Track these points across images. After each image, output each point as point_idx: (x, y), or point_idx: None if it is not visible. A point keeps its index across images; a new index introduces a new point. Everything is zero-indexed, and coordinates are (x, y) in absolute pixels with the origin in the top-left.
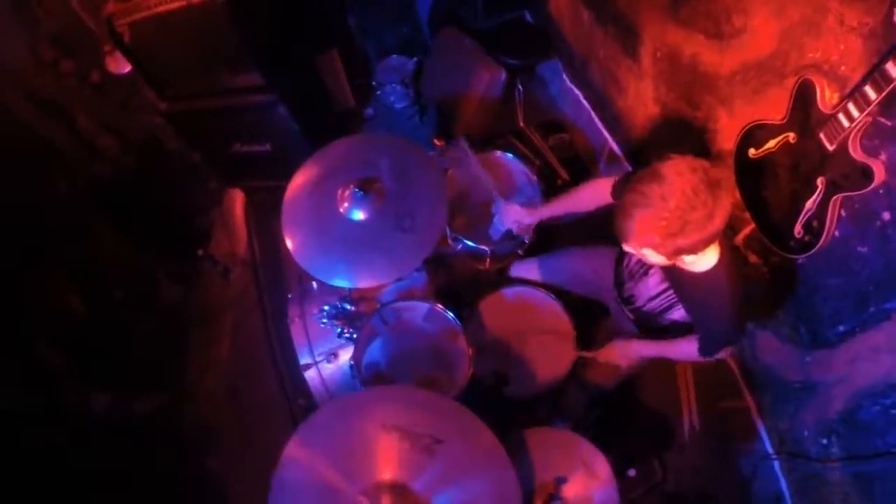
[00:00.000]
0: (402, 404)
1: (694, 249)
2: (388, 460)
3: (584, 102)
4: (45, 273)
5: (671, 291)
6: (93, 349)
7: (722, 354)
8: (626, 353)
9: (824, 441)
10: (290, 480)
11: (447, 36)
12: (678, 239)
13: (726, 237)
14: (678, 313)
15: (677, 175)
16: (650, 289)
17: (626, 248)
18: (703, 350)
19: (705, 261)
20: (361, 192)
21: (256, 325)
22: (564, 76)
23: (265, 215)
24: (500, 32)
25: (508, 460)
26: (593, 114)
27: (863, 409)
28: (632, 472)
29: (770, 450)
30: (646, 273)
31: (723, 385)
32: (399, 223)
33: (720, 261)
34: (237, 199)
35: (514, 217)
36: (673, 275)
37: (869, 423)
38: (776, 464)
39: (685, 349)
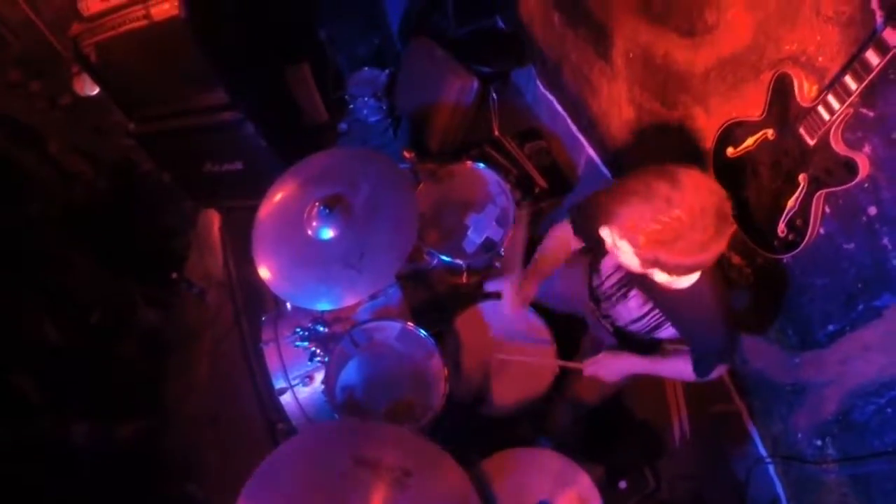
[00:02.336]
0: (371, 438)
1: (671, 271)
2: (360, 496)
3: (559, 108)
4: (19, 301)
5: (656, 311)
6: (70, 377)
7: (716, 373)
8: (616, 367)
9: (819, 443)
10: None
11: (418, 46)
12: (662, 251)
13: None
14: (665, 332)
15: (694, 188)
16: (632, 311)
17: (602, 232)
18: (698, 370)
19: (689, 277)
20: (327, 210)
21: (234, 348)
22: (538, 82)
23: (241, 235)
24: (472, 40)
25: (476, 492)
26: (569, 119)
27: (857, 409)
28: (622, 485)
29: (764, 453)
30: (625, 296)
31: (712, 390)
32: (347, 257)
33: (703, 274)
34: (214, 220)
35: (511, 305)
36: (654, 293)
37: (864, 423)
38: (771, 467)
39: (678, 367)
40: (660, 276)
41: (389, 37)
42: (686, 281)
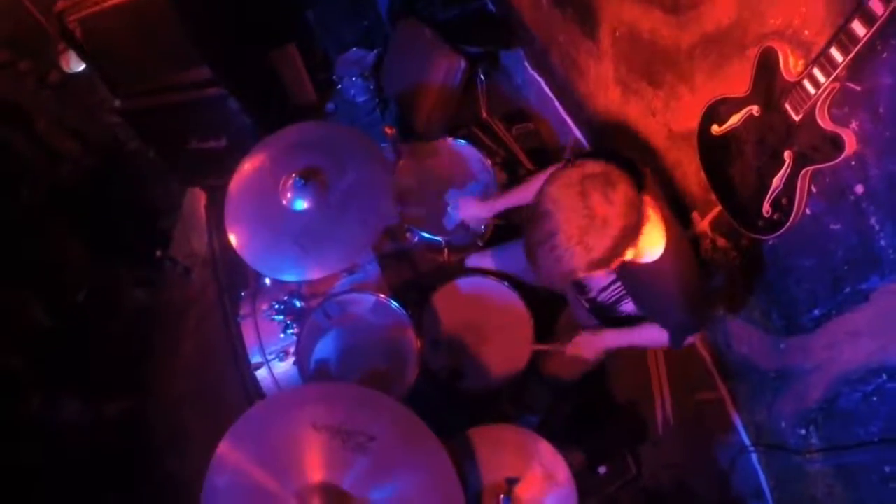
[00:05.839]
0: (332, 402)
1: (614, 253)
2: (319, 460)
3: (548, 90)
4: (7, 280)
5: (619, 283)
6: (58, 356)
7: (689, 341)
8: (593, 346)
9: (803, 432)
10: (221, 485)
11: (407, 27)
12: (590, 256)
13: (675, 223)
14: (629, 306)
15: (555, 204)
16: (599, 281)
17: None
18: (671, 341)
19: (651, 251)
20: (302, 181)
21: (218, 326)
22: (527, 64)
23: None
24: (461, 22)
25: (445, 452)
26: (556, 101)
27: (842, 396)
28: (602, 469)
29: (747, 442)
30: None
31: (696, 376)
32: (302, 235)
33: (667, 250)
34: (200, 199)
35: (471, 212)
36: (619, 267)
37: (849, 411)
38: (754, 456)
39: (653, 335)
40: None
41: (378, 18)
42: (651, 253)
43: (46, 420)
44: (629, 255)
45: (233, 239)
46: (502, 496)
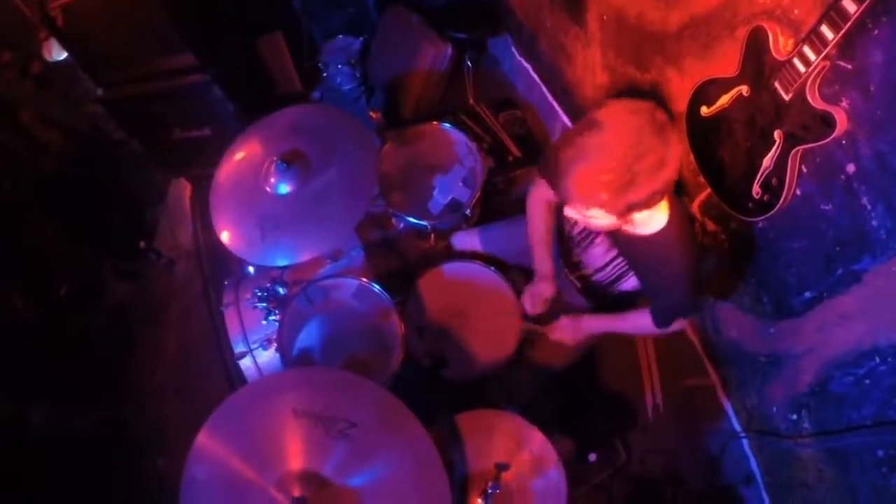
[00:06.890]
0: (312, 388)
1: (648, 203)
2: (299, 448)
3: (536, 77)
4: None
5: (620, 260)
6: (39, 349)
7: (676, 326)
8: (576, 331)
9: (794, 416)
10: (201, 475)
11: (394, 14)
12: (629, 193)
13: (676, 195)
14: (629, 283)
15: (617, 120)
16: (597, 259)
17: (569, 212)
18: (657, 320)
19: (655, 221)
20: (285, 165)
21: (202, 319)
22: (515, 52)
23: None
24: (448, 8)
25: (428, 437)
26: (544, 88)
27: (834, 380)
28: (592, 457)
29: (738, 428)
30: (591, 242)
31: (686, 362)
32: (266, 220)
33: (671, 220)
34: (185, 190)
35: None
36: (620, 240)
37: (841, 395)
38: (745, 442)
39: (638, 322)
40: (639, 216)
41: (364, 5)
42: (655, 223)
43: (25, 416)
44: (637, 218)
45: (215, 220)
46: (490, 482)
